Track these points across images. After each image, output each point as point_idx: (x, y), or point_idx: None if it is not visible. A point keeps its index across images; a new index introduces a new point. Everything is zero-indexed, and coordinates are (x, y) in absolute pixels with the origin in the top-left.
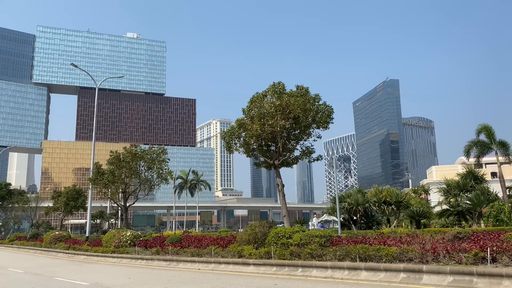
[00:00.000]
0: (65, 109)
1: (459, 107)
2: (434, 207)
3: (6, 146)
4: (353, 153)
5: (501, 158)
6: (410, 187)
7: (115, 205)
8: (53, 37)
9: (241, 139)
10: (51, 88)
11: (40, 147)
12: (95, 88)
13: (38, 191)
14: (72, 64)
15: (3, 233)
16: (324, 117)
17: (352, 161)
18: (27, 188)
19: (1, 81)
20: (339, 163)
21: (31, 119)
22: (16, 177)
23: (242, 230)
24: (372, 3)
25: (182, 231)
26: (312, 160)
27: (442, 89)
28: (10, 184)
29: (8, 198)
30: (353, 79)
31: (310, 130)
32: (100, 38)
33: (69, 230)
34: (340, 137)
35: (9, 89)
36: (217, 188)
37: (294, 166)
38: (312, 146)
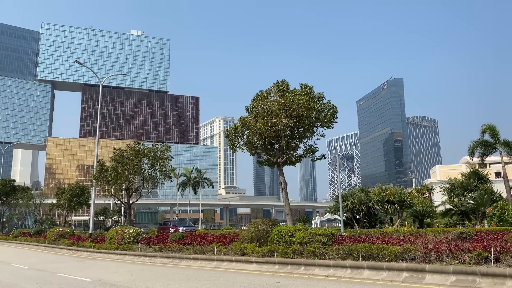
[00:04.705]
0: (69, 106)
1: (463, 107)
2: (437, 206)
3: (10, 143)
4: (357, 152)
5: (505, 158)
6: (414, 186)
7: (118, 202)
8: (58, 34)
9: (245, 137)
10: (55, 85)
11: (44, 144)
12: (99, 85)
13: (42, 187)
14: (76, 61)
15: (7, 229)
16: (328, 116)
17: (355, 160)
18: (31, 185)
19: (5, 78)
20: (342, 161)
21: (35, 115)
22: (20, 174)
23: (244, 228)
24: (377, 2)
25: None
26: (316, 158)
27: (446, 89)
28: (14, 181)
29: (12, 194)
30: (357, 78)
31: (314, 128)
32: (104, 35)
33: (73, 227)
34: (344, 136)
35: (13, 86)
36: (220, 186)
37: (297, 164)
38: (315, 144)
